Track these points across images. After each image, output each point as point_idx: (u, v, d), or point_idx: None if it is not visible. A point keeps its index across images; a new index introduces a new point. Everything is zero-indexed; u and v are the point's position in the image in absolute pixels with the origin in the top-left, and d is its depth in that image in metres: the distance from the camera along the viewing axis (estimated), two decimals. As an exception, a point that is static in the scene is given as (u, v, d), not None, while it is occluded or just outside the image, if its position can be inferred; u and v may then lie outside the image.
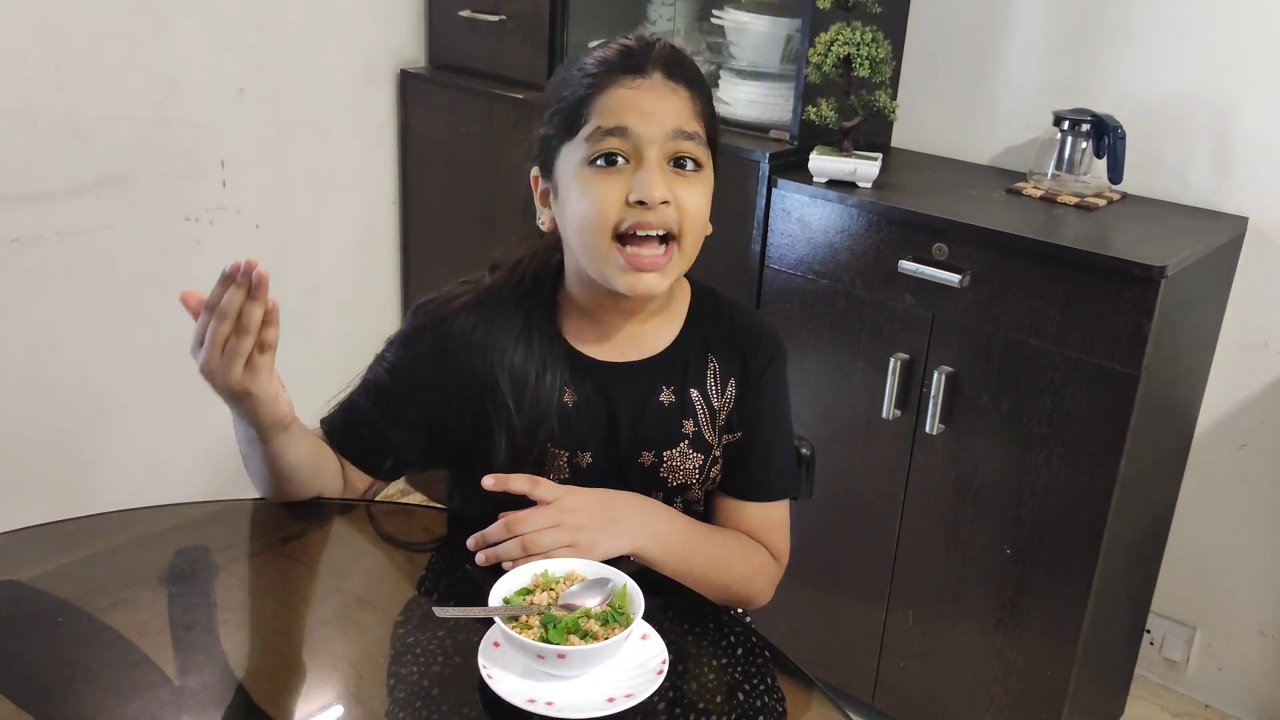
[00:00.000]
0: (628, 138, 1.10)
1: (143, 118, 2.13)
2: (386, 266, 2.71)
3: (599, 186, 1.11)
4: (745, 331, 1.27)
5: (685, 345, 1.24)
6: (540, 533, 1.06)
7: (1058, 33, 2.12)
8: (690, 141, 1.12)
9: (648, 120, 1.10)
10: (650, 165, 1.10)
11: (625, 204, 1.10)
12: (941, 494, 1.92)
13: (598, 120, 1.11)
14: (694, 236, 1.14)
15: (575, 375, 1.20)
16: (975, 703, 1.97)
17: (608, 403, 1.20)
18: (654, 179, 1.09)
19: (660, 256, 1.12)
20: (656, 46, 1.14)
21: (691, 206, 1.12)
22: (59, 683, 0.92)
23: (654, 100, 1.11)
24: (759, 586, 1.26)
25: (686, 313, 1.25)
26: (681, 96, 1.12)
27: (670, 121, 1.11)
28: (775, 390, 1.28)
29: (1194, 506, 2.16)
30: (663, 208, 1.10)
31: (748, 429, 1.26)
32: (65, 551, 1.12)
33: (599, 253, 1.12)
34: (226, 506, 1.20)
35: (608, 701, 0.90)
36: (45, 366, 2.12)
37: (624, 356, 1.22)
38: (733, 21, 2.19)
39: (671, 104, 1.11)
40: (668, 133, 1.10)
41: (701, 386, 1.23)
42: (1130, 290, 1.65)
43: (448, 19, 2.52)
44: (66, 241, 2.08)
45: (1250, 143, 1.96)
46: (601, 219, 1.10)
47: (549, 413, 1.17)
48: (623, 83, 1.11)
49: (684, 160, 1.12)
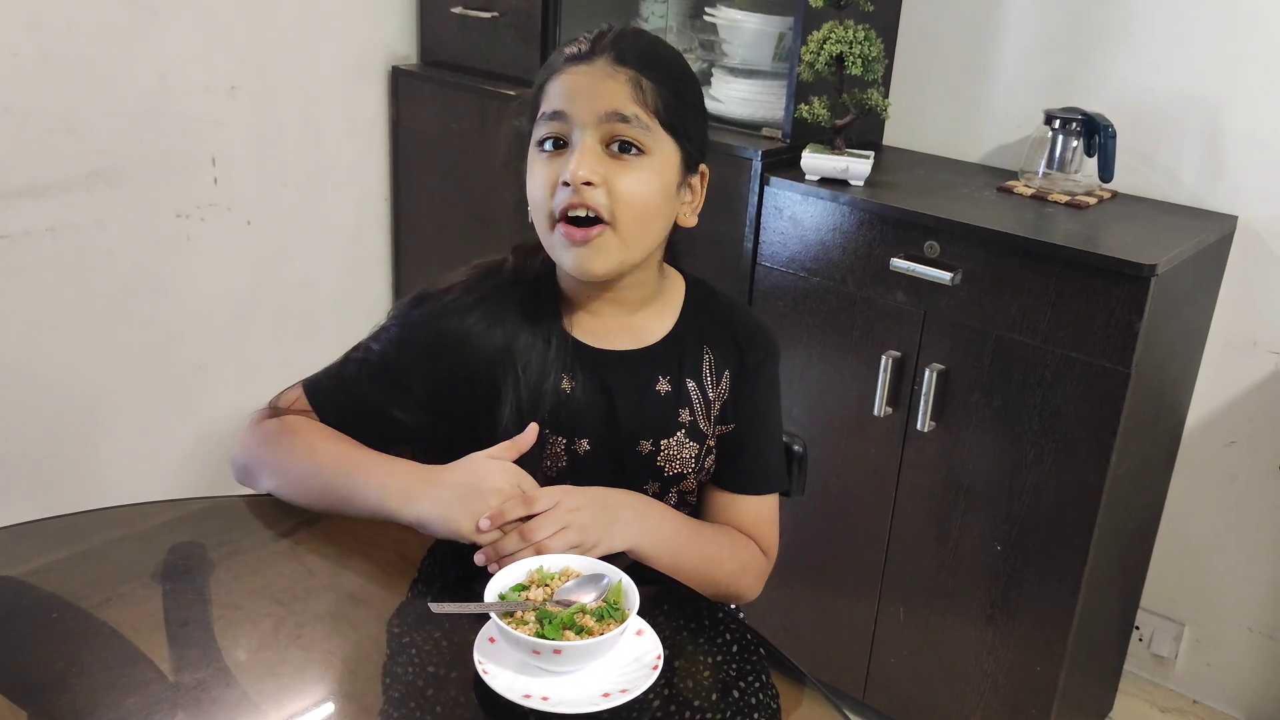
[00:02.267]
0: (565, 121, 1.12)
1: (134, 113, 2.13)
2: (378, 263, 2.71)
3: (540, 169, 1.14)
4: (742, 327, 1.28)
5: (682, 336, 1.25)
6: (552, 538, 1.06)
7: (1049, 32, 2.13)
8: (627, 124, 1.11)
9: (579, 103, 1.11)
10: (577, 147, 1.11)
11: (561, 186, 1.11)
12: (932, 491, 1.93)
13: (544, 105, 1.14)
14: (631, 222, 1.12)
15: (573, 362, 1.20)
16: (966, 698, 1.98)
17: (605, 390, 1.21)
18: (578, 160, 1.10)
19: (589, 230, 1.11)
20: (615, 32, 1.15)
21: (625, 190, 1.11)
22: (53, 678, 0.92)
23: (590, 84, 1.11)
24: (747, 582, 1.26)
25: (682, 304, 1.26)
26: (622, 79, 1.11)
27: (604, 104, 1.11)
28: (768, 386, 1.29)
29: (1183, 503, 2.17)
30: (586, 189, 1.10)
31: (740, 422, 1.27)
32: (59, 547, 1.12)
33: (545, 235, 1.15)
34: (220, 502, 1.20)
35: (603, 696, 0.90)
36: (37, 362, 2.11)
37: (621, 345, 1.22)
38: (725, 19, 2.19)
39: (608, 87, 1.11)
40: (600, 115, 1.10)
41: (698, 377, 1.24)
42: (1120, 288, 1.66)
43: (440, 15, 2.52)
44: (57, 237, 2.08)
45: (1240, 142, 1.97)
46: (541, 201, 1.13)
47: (548, 394, 1.18)
48: (569, 69, 1.13)
49: (626, 145, 1.12)
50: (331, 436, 1.18)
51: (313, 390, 1.23)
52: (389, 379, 1.20)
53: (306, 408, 1.22)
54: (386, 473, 1.12)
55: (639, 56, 1.13)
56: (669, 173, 1.16)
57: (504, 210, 2.63)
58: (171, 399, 2.34)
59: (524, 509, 1.07)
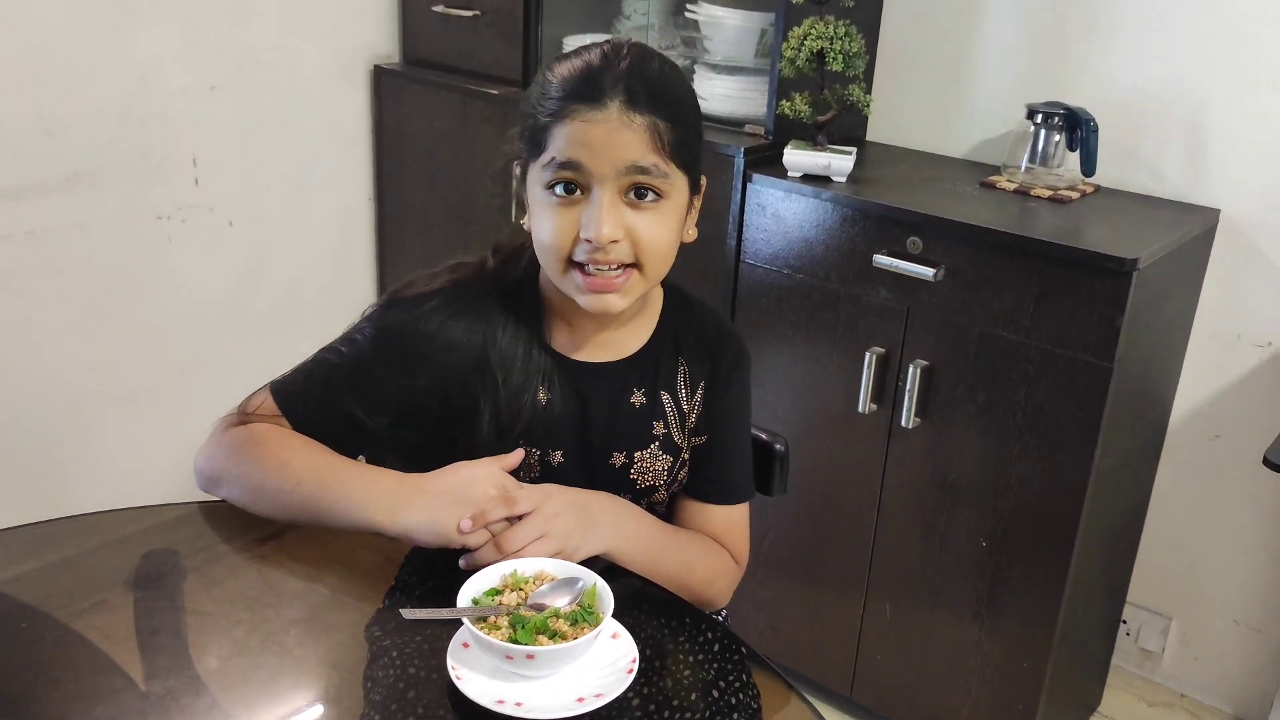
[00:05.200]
0: (581, 171, 1.08)
1: (112, 114, 2.11)
2: (362, 263, 2.70)
3: (554, 216, 1.10)
4: (714, 333, 1.27)
5: (657, 348, 1.24)
6: (531, 546, 1.05)
7: (1031, 26, 2.13)
8: (646, 175, 1.09)
9: (599, 157, 1.07)
10: (598, 203, 1.08)
11: (578, 237, 1.09)
12: (918, 487, 1.92)
13: (553, 151, 1.09)
14: (655, 264, 1.12)
15: (550, 374, 1.19)
16: (953, 695, 1.98)
17: (581, 403, 1.20)
18: (602, 217, 1.08)
19: (617, 279, 1.11)
20: (620, 66, 1.10)
21: (648, 238, 1.10)
22: (22, 688, 0.91)
23: (606, 135, 1.07)
24: (719, 588, 1.26)
25: (659, 315, 1.25)
26: (639, 128, 1.08)
27: (624, 158, 1.08)
28: (739, 394, 1.29)
29: (1169, 497, 2.17)
30: (613, 246, 1.09)
31: (712, 432, 1.26)
32: (31, 556, 1.11)
33: (557, 275, 1.13)
34: (196, 509, 1.18)
35: (577, 701, 0.90)
36: (15, 367, 2.10)
37: (597, 357, 1.21)
38: (707, 16, 2.18)
39: (625, 139, 1.08)
40: (620, 169, 1.08)
41: (672, 389, 1.24)
42: (1103, 283, 1.66)
43: (422, 15, 2.51)
44: (36, 240, 2.06)
45: (1222, 135, 1.97)
46: (557, 248, 1.10)
47: (526, 406, 1.17)
48: (579, 114, 1.08)
49: (643, 190, 1.10)
50: (304, 447, 1.15)
51: (281, 393, 1.20)
52: (361, 382, 1.18)
53: (274, 410, 1.19)
54: (369, 484, 1.10)
55: (651, 98, 1.09)
56: (682, 204, 1.15)
57: (487, 210, 2.62)
58: (154, 402, 2.33)
59: (506, 509, 1.07)
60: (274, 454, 1.13)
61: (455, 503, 1.06)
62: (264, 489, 1.12)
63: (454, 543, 1.06)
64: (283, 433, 1.17)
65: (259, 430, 1.17)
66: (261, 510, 1.13)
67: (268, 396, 1.20)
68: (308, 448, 1.15)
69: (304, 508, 1.11)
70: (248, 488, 1.14)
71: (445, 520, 1.05)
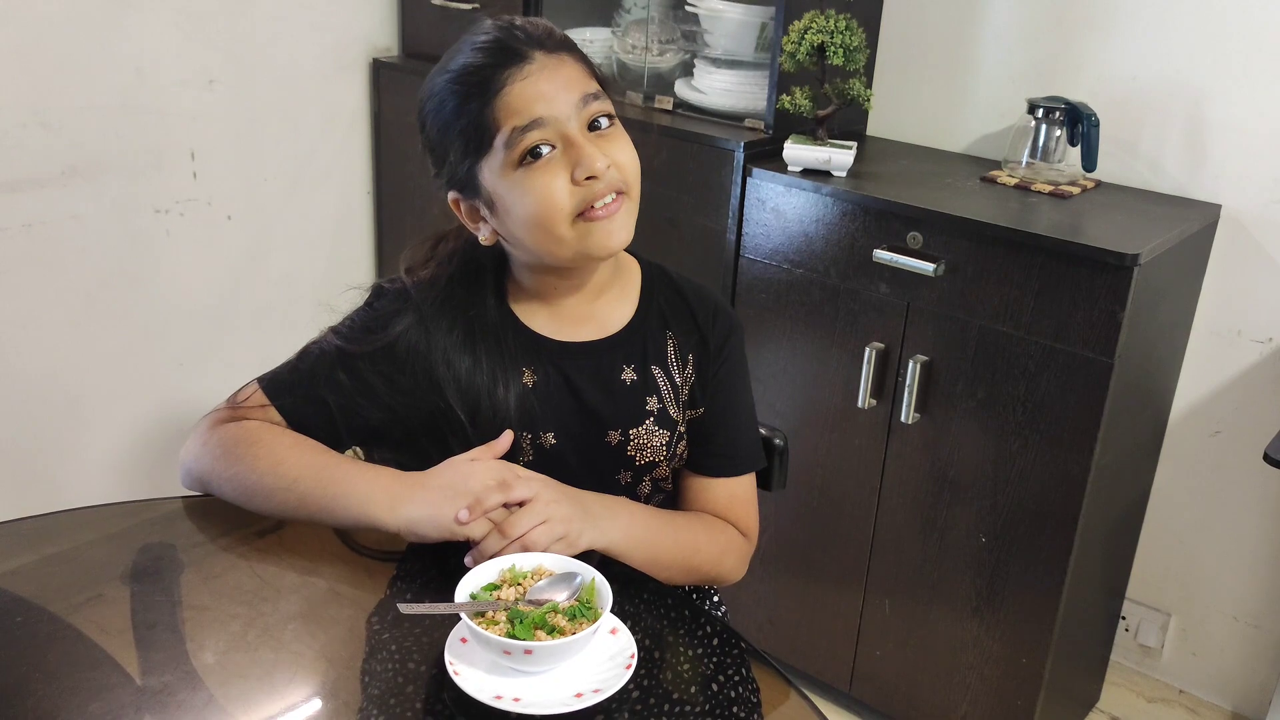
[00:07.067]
0: (546, 126, 1.09)
1: (110, 107, 2.10)
2: (361, 256, 2.69)
3: (538, 182, 1.10)
4: (702, 307, 1.27)
5: (643, 323, 1.24)
6: (534, 531, 1.05)
7: (1031, 21, 2.12)
8: (597, 101, 1.12)
9: (555, 100, 1.10)
10: (579, 141, 1.10)
11: (574, 185, 1.10)
12: (917, 483, 1.92)
13: (510, 124, 1.09)
14: (635, 183, 1.15)
15: (533, 356, 1.19)
16: (952, 690, 1.98)
17: (569, 383, 1.20)
18: (591, 151, 1.09)
19: (613, 203, 1.12)
20: (516, 24, 1.14)
21: (624, 158, 1.13)
22: (17, 683, 0.90)
23: (550, 79, 1.10)
24: (729, 564, 1.25)
25: (640, 290, 1.25)
26: (569, 63, 1.12)
27: (575, 91, 1.11)
28: (735, 365, 1.28)
29: (1168, 493, 2.17)
30: (609, 172, 1.10)
31: (710, 405, 1.26)
32: (27, 550, 1.10)
33: (563, 239, 1.12)
34: (193, 502, 1.18)
35: (575, 697, 0.89)
36: (11, 360, 2.09)
37: (581, 336, 1.22)
38: (707, 9, 2.18)
39: (566, 75, 1.11)
40: (577, 103, 1.10)
41: (663, 363, 1.24)
42: (1104, 278, 1.65)
43: (420, 7, 2.50)
44: (33, 233, 2.05)
45: (1223, 130, 1.96)
46: (556, 209, 1.10)
47: (507, 403, 1.17)
48: (514, 77, 1.10)
49: (598, 121, 1.12)
50: (297, 444, 1.15)
51: (270, 386, 1.20)
52: (349, 373, 1.18)
53: (263, 402, 1.19)
54: (369, 481, 1.10)
55: (556, 39, 1.14)
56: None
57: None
58: (151, 396, 2.32)
59: (502, 495, 1.07)
60: (267, 453, 1.13)
61: (455, 495, 1.07)
62: (259, 489, 1.12)
63: (455, 534, 1.06)
64: (273, 430, 1.17)
65: (249, 429, 1.16)
66: (258, 508, 1.13)
67: (256, 389, 1.20)
68: (300, 445, 1.15)
69: (301, 506, 1.10)
70: (241, 488, 1.13)
71: (446, 513, 1.06)
